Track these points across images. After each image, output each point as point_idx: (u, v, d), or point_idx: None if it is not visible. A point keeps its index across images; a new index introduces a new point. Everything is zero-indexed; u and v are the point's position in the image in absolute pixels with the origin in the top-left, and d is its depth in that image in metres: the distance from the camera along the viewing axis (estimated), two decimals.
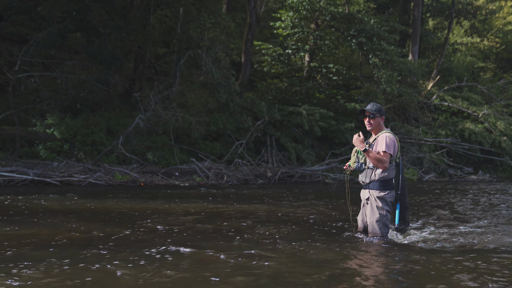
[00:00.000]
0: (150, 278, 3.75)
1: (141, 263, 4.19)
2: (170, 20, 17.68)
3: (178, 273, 3.91)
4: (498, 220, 7.31)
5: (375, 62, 18.30)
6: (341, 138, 18.30)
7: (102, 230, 5.76)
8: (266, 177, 14.63)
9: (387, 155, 5.03)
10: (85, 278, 3.71)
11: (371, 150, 5.05)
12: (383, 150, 5.02)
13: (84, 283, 3.60)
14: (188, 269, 4.04)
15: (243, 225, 6.44)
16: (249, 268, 4.07)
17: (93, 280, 3.68)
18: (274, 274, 3.90)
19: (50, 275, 3.76)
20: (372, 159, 5.06)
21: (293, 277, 3.85)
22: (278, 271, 4.01)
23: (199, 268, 4.07)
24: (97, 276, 3.78)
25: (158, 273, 3.89)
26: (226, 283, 3.64)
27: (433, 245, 5.25)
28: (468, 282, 3.80)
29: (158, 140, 14.76)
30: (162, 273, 3.89)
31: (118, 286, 3.57)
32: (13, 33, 16.44)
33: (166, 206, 8.34)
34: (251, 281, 3.71)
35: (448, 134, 21.43)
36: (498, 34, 32.61)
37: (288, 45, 19.46)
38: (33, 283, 3.57)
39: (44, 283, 3.59)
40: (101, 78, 14.68)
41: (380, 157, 5.02)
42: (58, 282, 3.62)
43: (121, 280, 3.71)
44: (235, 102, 16.39)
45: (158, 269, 4.01)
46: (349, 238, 5.44)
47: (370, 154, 5.03)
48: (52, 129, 13.42)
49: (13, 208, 7.54)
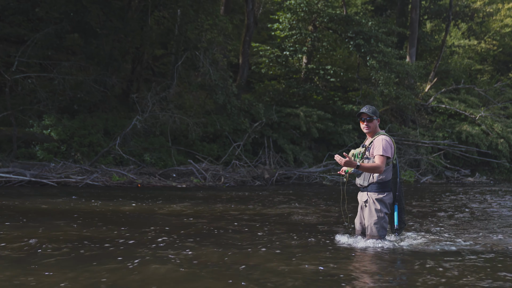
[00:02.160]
0: (144, 278, 3.74)
1: (135, 263, 4.19)
2: (167, 22, 17.68)
3: (174, 273, 3.90)
4: (497, 222, 7.32)
5: (372, 64, 18.33)
6: (339, 140, 18.31)
7: (95, 231, 5.75)
8: (263, 178, 14.63)
9: (383, 158, 5.01)
10: (79, 278, 3.71)
11: (363, 164, 5.02)
12: (380, 154, 5.01)
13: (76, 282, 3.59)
14: (185, 269, 4.03)
15: (238, 226, 6.43)
16: (245, 270, 4.06)
17: (87, 282, 3.67)
18: (270, 277, 3.90)
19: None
20: (367, 171, 5.05)
21: (290, 278, 3.85)
22: (273, 273, 4.00)
23: (197, 268, 4.06)
24: (93, 276, 3.78)
25: (155, 273, 3.89)
26: (224, 285, 3.64)
27: (431, 247, 5.25)
28: (468, 283, 3.80)
29: (156, 142, 14.75)
30: (158, 273, 3.89)
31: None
32: (11, 33, 16.42)
33: (163, 207, 8.33)
34: (246, 283, 3.71)
35: (445, 136, 21.48)
36: (495, 37, 32.71)
37: (285, 47, 19.48)
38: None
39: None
40: (99, 79, 14.66)
41: (373, 165, 4.99)
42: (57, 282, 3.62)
43: (114, 281, 3.71)
44: (232, 104, 16.40)
45: (155, 269, 4.00)
46: (347, 240, 5.44)
47: (364, 167, 4.98)
48: (49, 130, 13.39)
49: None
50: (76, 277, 3.77)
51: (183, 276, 3.87)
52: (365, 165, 5.00)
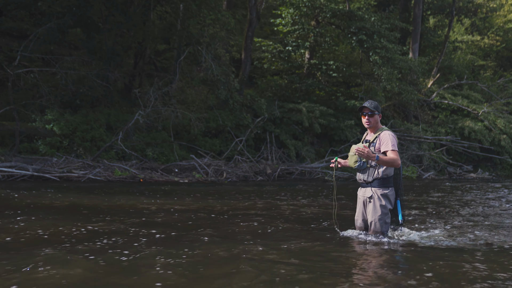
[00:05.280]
0: (144, 275, 3.76)
1: (134, 257, 4.20)
2: (170, 16, 17.65)
3: (175, 269, 3.91)
4: (500, 218, 7.32)
5: (375, 60, 18.28)
6: (341, 136, 18.30)
7: (94, 226, 5.77)
8: (265, 174, 14.63)
9: (397, 152, 5.00)
10: (85, 274, 3.72)
11: (382, 156, 4.97)
12: (392, 149, 4.99)
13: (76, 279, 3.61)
14: (186, 266, 4.04)
15: (240, 222, 6.44)
16: (247, 266, 4.07)
17: (84, 279, 3.69)
18: (272, 272, 3.90)
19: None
20: (385, 164, 4.97)
21: (291, 274, 3.85)
22: (276, 268, 4.01)
23: (197, 264, 4.07)
24: (89, 273, 3.79)
25: (154, 271, 3.90)
26: (226, 280, 3.65)
27: (433, 243, 5.25)
28: (470, 280, 3.80)
29: (158, 137, 14.76)
30: (157, 272, 3.90)
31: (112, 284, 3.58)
32: (13, 28, 16.43)
33: (164, 202, 8.34)
34: (249, 278, 3.71)
35: (448, 132, 21.44)
36: (499, 32, 32.58)
37: (288, 42, 19.43)
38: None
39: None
40: (101, 74, 14.66)
41: (392, 158, 4.93)
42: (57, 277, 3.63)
43: (112, 277, 3.72)
44: (234, 99, 16.39)
45: (155, 266, 4.02)
46: (349, 236, 5.44)
47: (383, 159, 4.92)
48: (51, 125, 13.41)
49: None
50: (76, 273, 3.78)
51: (188, 276, 3.88)
52: (385, 158, 4.94)
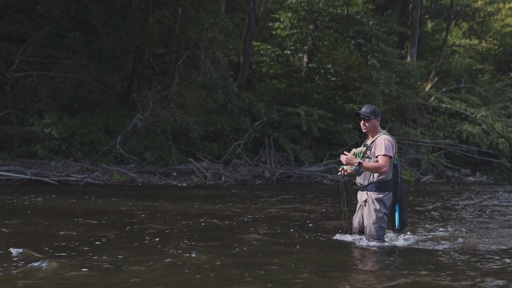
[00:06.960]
0: (145, 277, 3.76)
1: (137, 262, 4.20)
2: (168, 20, 17.67)
3: (175, 273, 3.91)
4: (497, 221, 7.33)
5: (373, 64, 18.32)
6: (339, 139, 18.31)
7: (92, 231, 5.76)
8: (264, 177, 14.64)
9: (386, 158, 4.98)
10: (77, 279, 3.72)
11: (365, 162, 5.01)
12: (383, 154, 5.00)
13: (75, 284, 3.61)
14: (186, 269, 4.04)
15: (239, 225, 6.44)
16: (246, 270, 4.07)
17: (86, 280, 3.68)
18: (270, 276, 3.90)
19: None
20: (369, 170, 5.00)
21: (288, 277, 3.86)
22: (274, 271, 4.01)
23: (196, 268, 4.08)
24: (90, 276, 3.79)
25: (154, 273, 3.90)
26: (223, 285, 3.65)
27: (431, 247, 5.26)
28: (467, 283, 3.81)
29: (156, 140, 14.76)
30: (157, 273, 3.90)
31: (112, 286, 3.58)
32: (12, 32, 16.43)
33: (163, 206, 8.34)
34: (246, 282, 3.72)
35: (446, 135, 21.48)
36: (496, 36, 32.68)
37: (286, 46, 19.47)
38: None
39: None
40: (99, 78, 14.66)
41: (376, 165, 4.95)
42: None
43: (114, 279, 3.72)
44: (233, 103, 16.40)
45: (155, 270, 4.02)
46: (345, 240, 5.44)
47: (365, 166, 4.96)
48: (50, 129, 13.40)
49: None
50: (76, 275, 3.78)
51: (188, 279, 3.88)
52: (367, 164, 4.97)
